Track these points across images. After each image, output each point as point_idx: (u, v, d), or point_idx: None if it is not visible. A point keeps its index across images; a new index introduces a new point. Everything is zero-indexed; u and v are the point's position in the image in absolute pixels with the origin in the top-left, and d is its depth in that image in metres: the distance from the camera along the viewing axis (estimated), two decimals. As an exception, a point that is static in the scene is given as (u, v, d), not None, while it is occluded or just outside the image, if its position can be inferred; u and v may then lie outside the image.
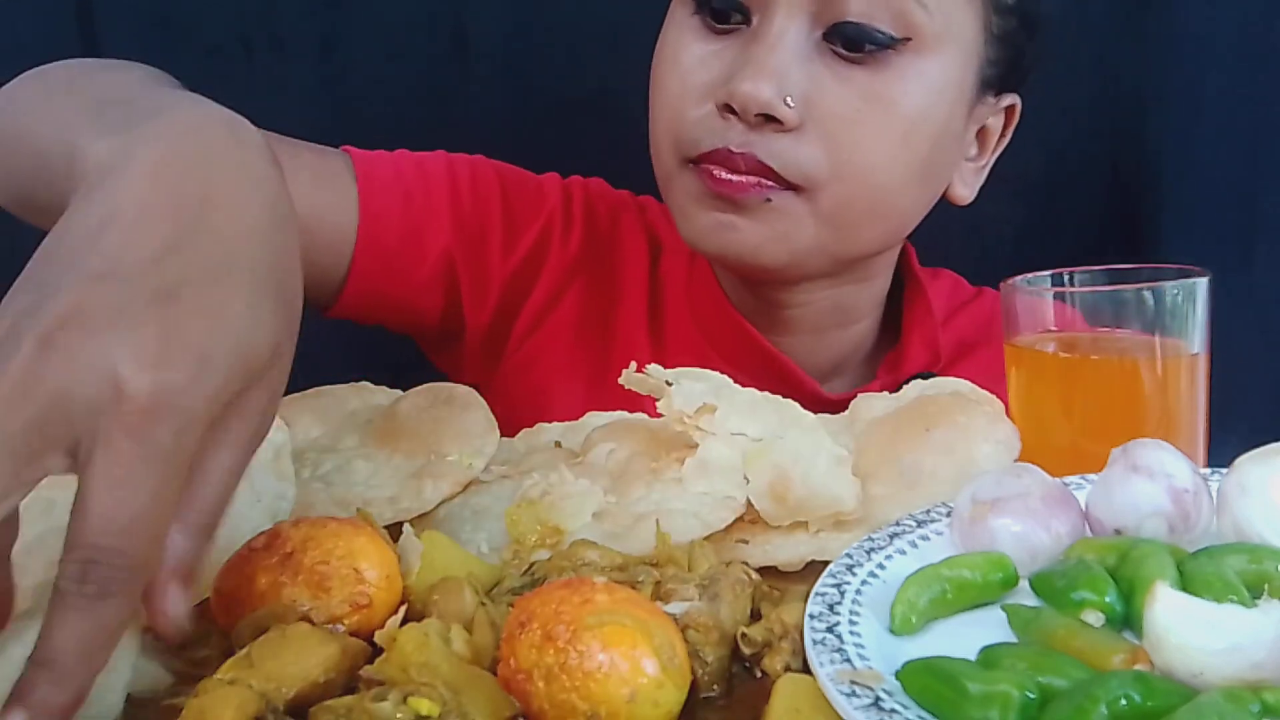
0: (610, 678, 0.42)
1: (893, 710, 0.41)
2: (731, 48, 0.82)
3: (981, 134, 0.90)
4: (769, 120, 0.79)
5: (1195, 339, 0.65)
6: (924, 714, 0.41)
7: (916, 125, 0.82)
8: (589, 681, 0.42)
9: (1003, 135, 0.92)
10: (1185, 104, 1.24)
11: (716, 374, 0.67)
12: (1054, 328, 0.67)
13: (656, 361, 0.66)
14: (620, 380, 0.65)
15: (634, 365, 0.65)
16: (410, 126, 1.21)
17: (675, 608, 0.48)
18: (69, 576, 0.39)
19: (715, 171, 0.81)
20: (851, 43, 0.79)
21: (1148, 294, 0.64)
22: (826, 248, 0.84)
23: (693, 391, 0.63)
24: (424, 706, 0.42)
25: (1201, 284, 0.65)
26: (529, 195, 0.96)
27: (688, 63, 0.83)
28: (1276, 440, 0.54)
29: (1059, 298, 0.67)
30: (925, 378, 0.72)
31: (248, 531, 0.54)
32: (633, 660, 0.42)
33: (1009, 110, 0.90)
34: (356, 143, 0.92)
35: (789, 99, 0.78)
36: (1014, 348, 0.68)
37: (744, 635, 0.48)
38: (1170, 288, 0.64)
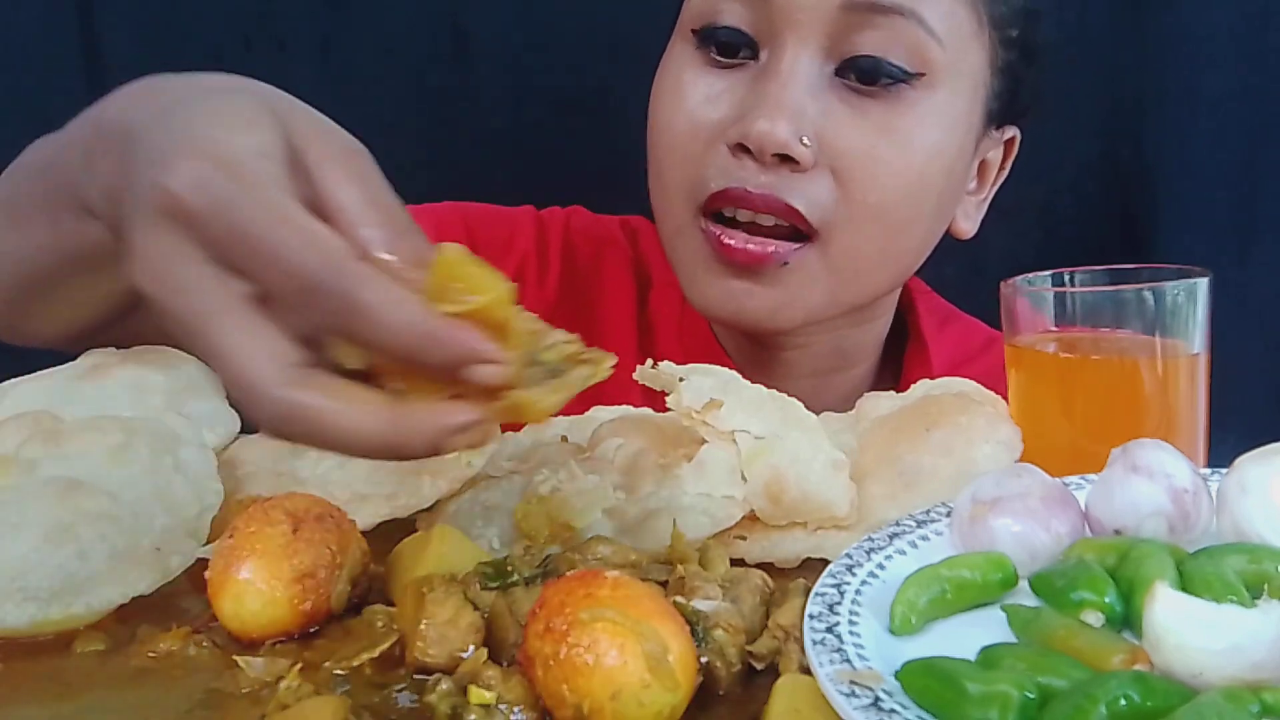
0: (595, 674, 0.42)
1: (892, 710, 0.41)
2: (741, 83, 0.79)
3: (981, 167, 0.89)
4: (785, 160, 0.76)
5: (1195, 339, 0.65)
6: (924, 714, 0.41)
7: (931, 160, 0.80)
8: (576, 676, 0.42)
9: (1001, 168, 0.90)
10: (1184, 104, 1.24)
11: (725, 370, 0.67)
12: (1054, 328, 0.67)
13: (646, 403, 0.65)
14: (634, 376, 0.65)
15: (644, 365, 0.65)
16: (410, 126, 1.22)
17: (705, 605, 0.48)
18: None
19: (726, 239, 0.78)
20: (866, 76, 0.77)
21: (1148, 294, 0.64)
22: (838, 298, 0.82)
23: (701, 386, 0.63)
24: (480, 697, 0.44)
25: (1202, 284, 0.65)
26: (499, 238, 0.93)
27: (694, 100, 0.80)
28: (1276, 440, 0.54)
29: (1059, 298, 0.67)
30: None
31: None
32: (619, 659, 0.42)
33: (1008, 143, 0.89)
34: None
35: (805, 138, 0.76)
36: (1014, 348, 0.68)
37: (750, 653, 0.48)
38: (1170, 288, 0.64)
